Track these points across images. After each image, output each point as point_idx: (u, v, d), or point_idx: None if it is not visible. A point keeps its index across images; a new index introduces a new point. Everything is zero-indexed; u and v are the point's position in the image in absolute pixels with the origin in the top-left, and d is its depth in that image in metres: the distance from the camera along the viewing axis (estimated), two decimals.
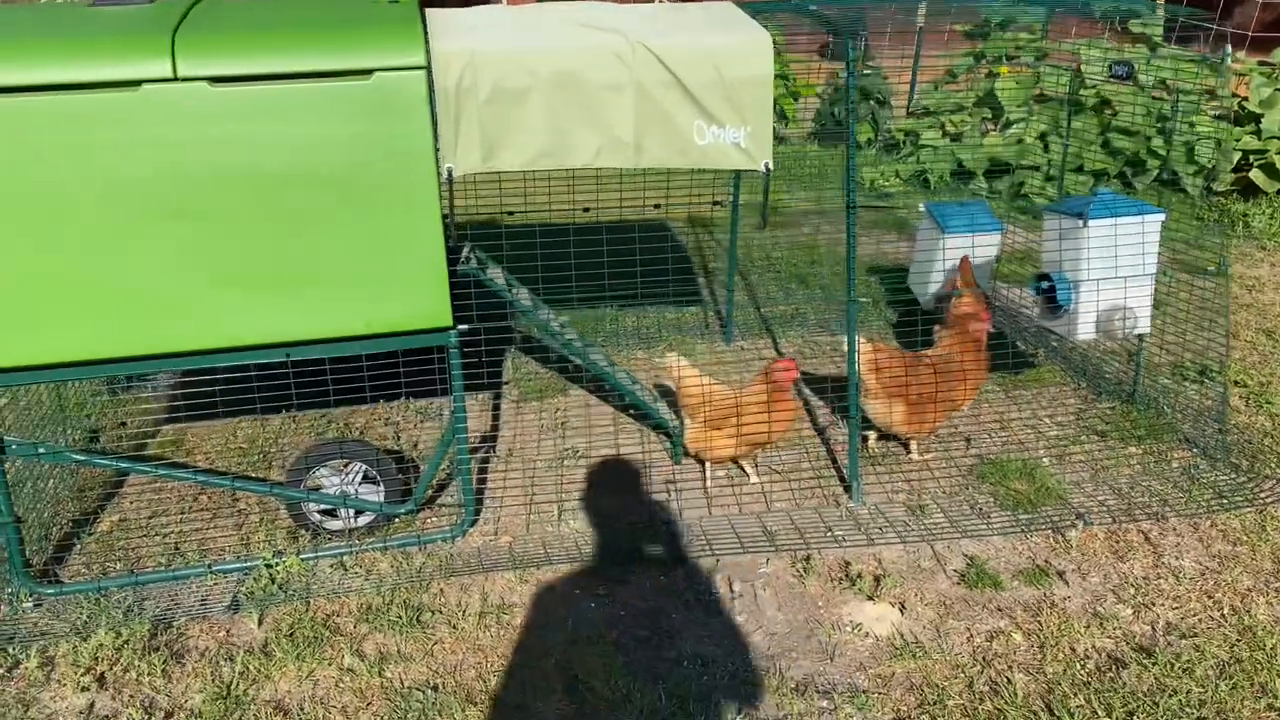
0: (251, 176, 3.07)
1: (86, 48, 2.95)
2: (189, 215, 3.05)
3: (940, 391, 3.87)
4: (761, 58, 3.34)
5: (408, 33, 3.12)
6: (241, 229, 3.09)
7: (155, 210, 3.02)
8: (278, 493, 3.55)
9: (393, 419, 4.50)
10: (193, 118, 3.00)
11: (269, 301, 3.16)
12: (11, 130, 2.89)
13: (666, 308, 5.66)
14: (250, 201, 3.08)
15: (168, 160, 3.00)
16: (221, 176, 3.04)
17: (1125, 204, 3.91)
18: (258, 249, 3.11)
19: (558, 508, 3.79)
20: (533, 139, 3.29)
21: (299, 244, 3.13)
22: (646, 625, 3.17)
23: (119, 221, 3.01)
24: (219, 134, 3.02)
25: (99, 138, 2.94)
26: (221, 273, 3.11)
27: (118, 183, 2.99)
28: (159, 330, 3.12)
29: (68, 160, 2.94)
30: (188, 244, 3.07)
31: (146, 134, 2.98)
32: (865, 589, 3.29)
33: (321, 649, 3.05)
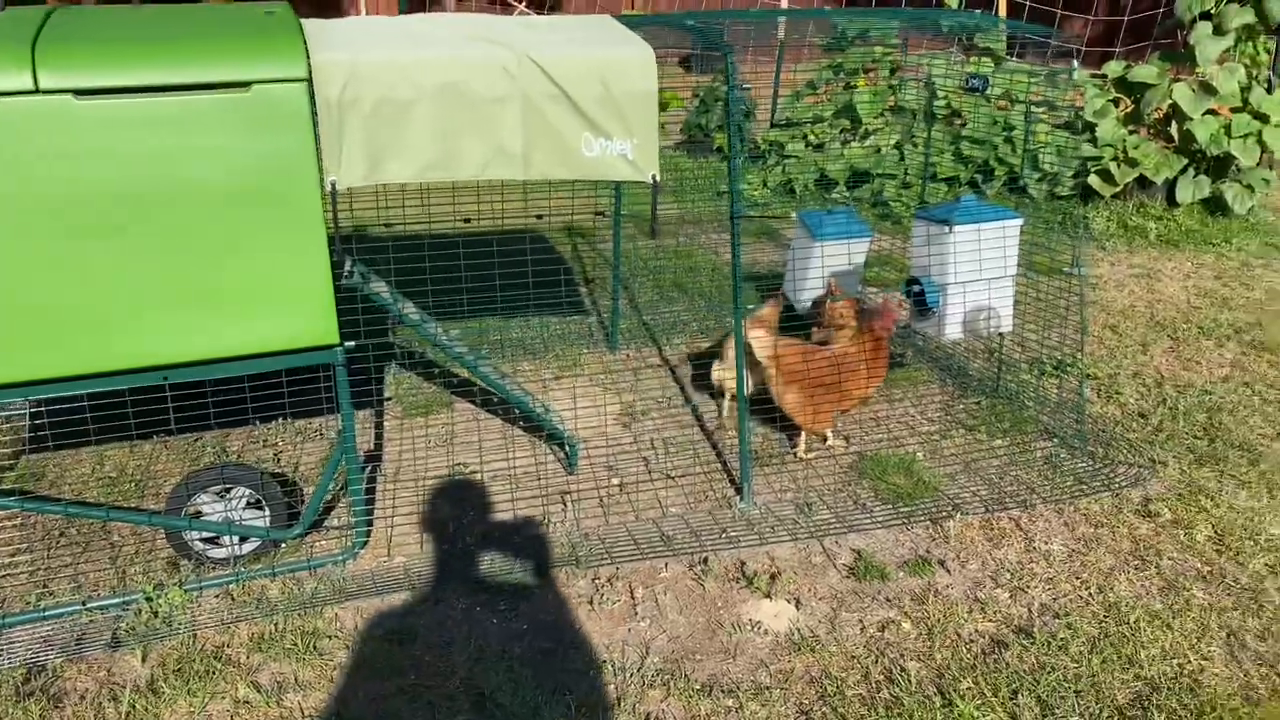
0: (124, 193, 2.93)
1: None
2: (54, 233, 2.89)
3: (839, 385, 4.02)
4: (646, 71, 3.39)
5: (288, 43, 3.04)
6: (113, 247, 2.94)
7: (17, 228, 2.86)
8: (158, 522, 3.39)
9: (271, 440, 4.35)
10: (56, 132, 2.84)
11: (146, 322, 3.02)
12: None
13: (551, 318, 5.66)
14: (123, 219, 2.94)
15: (29, 176, 2.84)
16: (90, 193, 2.90)
17: (988, 210, 4.15)
18: (132, 268, 2.97)
19: (451, 524, 3.74)
20: (419, 151, 3.25)
21: (176, 262, 3.01)
22: (550, 637, 3.17)
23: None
24: (86, 148, 2.88)
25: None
26: (92, 293, 2.96)
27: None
28: (20, 356, 2.94)
29: None
30: (54, 263, 2.91)
31: (9, 150, 2.81)
32: (762, 587, 3.38)
33: (213, 682, 2.94)
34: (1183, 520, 3.77)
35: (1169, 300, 6.09)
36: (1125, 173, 7.66)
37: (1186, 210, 7.68)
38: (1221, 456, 4.21)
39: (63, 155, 2.86)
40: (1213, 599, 3.34)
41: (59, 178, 2.87)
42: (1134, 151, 7.65)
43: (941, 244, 4.11)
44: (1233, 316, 5.79)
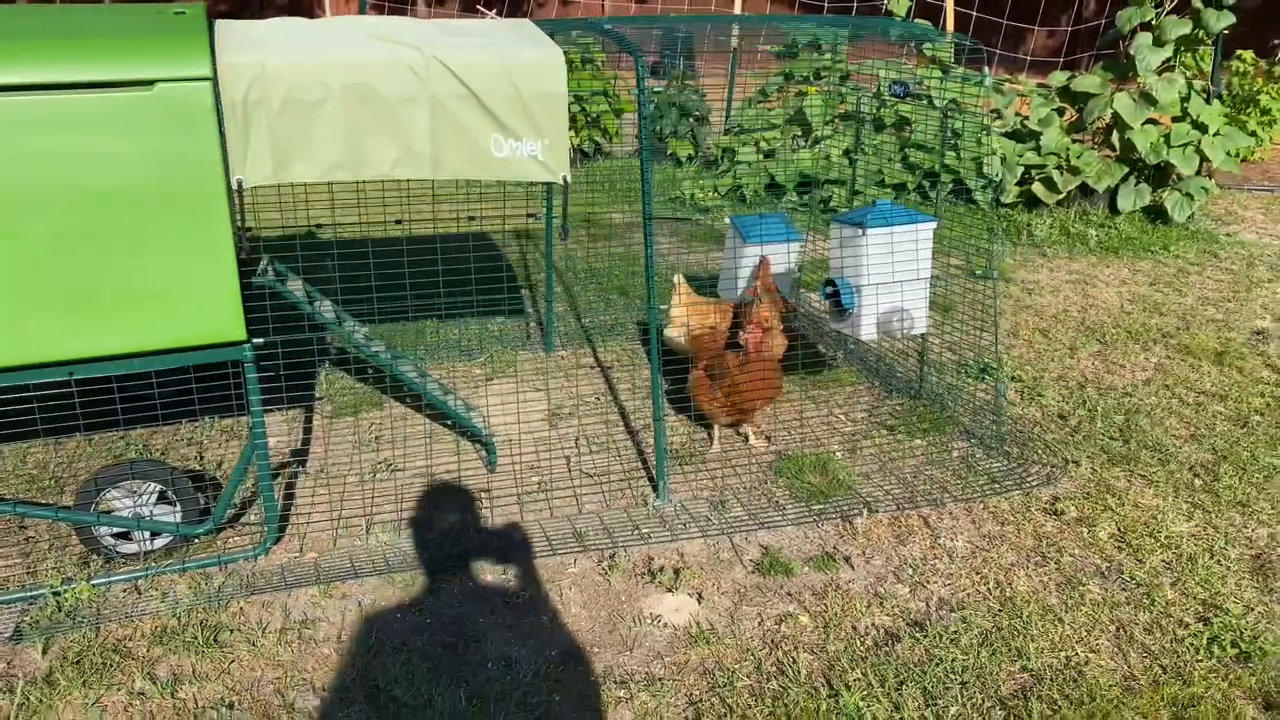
0: (25, 191, 2.95)
1: None
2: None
3: (724, 385, 4.12)
4: (555, 74, 3.45)
5: (191, 43, 3.08)
6: (18, 245, 2.97)
7: None
8: (64, 517, 3.41)
9: (196, 439, 4.37)
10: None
11: (49, 319, 3.04)
12: None
13: (488, 319, 5.71)
14: (26, 217, 2.96)
15: None
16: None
17: (901, 213, 4.22)
18: (37, 265, 2.99)
19: (366, 521, 3.78)
20: (326, 151, 3.29)
21: (80, 259, 3.03)
22: (452, 631, 3.21)
23: None
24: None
25: None
26: (4, 289, 2.98)
27: None
28: None
29: None
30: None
31: None
32: (666, 582, 3.43)
33: (110, 674, 2.96)
34: (1087, 518, 3.84)
35: (1102, 305, 6.19)
36: (1068, 180, 7.78)
37: (1128, 218, 7.80)
38: (1134, 457, 4.29)
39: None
40: (1107, 594, 3.41)
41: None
42: (1077, 160, 7.76)
43: (855, 246, 4.18)
44: (1162, 322, 5.89)
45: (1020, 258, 7.14)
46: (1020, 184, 8.00)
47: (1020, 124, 8.14)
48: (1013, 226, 7.77)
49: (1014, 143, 8.01)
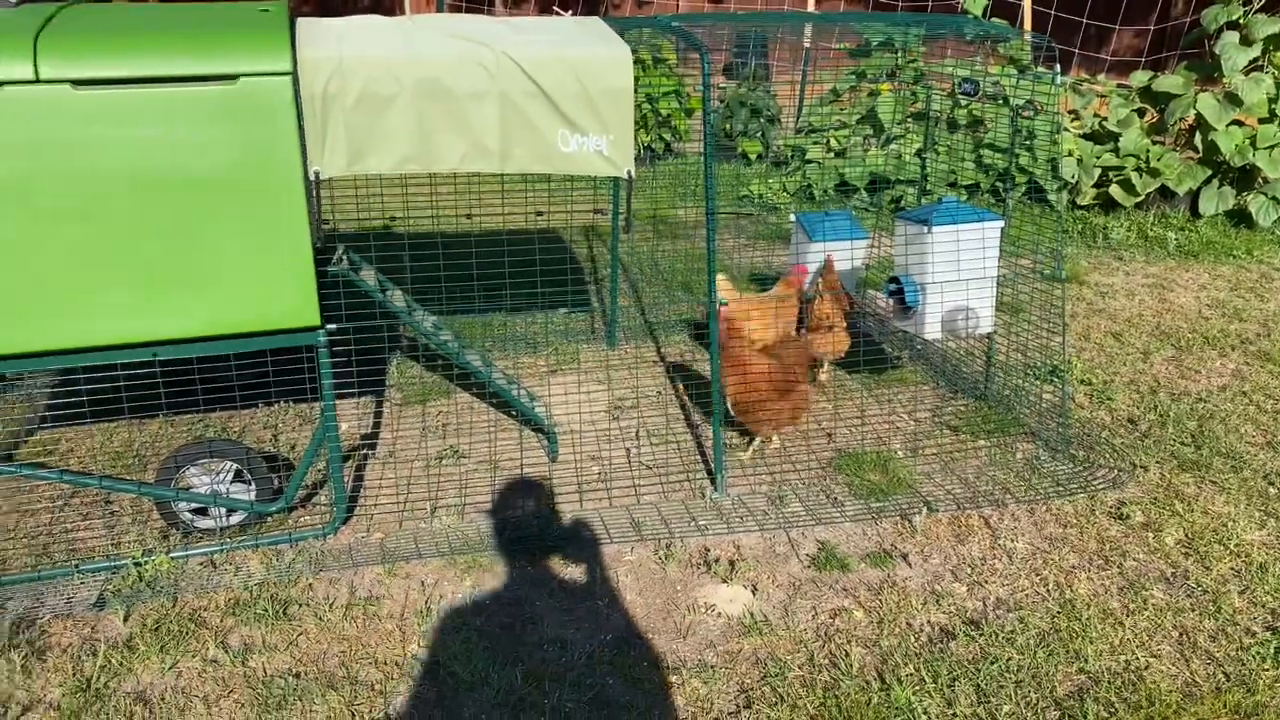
0: (118, 178, 3.11)
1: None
2: (53, 216, 3.08)
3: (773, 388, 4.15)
4: (622, 71, 3.51)
5: (273, 39, 3.21)
6: (109, 230, 3.13)
7: (20, 211, 3.05)
8: (146, 492, 3.57)
9: (271, 422, 4.53)
10: (55, 120, 3.04)
11: (136, 301, 3.20)
12: None
13: (553, 313, 5.79)
14: (118, 203, 3.12)
15: (30, 162, 3.03)
16: (88, 178, 3.08)
17: (967, 211, 4.19)
18: (126, 250, 3.15)
19: (431, 505, 3.88)
20: (398, 144, 3.40)
21: (167, 245, 3.19)
22: (510, 613, 3.29)
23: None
24: (83, 136, 3.06)
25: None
26: (88, 273, 3.14)
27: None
28: (23, 329, 3.13)
29: None
30: (55, 245, 3.09)
31: (8, 135, 3.00)
32: (721, 573, 3.46)
33: (186, 642, 3.10)
34: (1154, 523, 3.77)
35: (1179, 310, 6.04)
36: (1147, 183, 7.59)
37: (1209, 222, 7.59)
38: (1205, 463, 4.19)
39: (60, 142, 3.05)
40: (1171, 600, 3.35)
41: (56, 163, 3.05)
42: (1157, 162, 7.58)
43: (920, 244, 4.16)
44: (1241, 328, 5.73)
45: (1094, 260, 7.00)
46: (1097, 186, 7.84)
47: (1099, 125, 7.98)
48: (1088, 229, 7.62)
49: (1092, 144, 7.85)
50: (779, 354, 4.21)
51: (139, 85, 3.08)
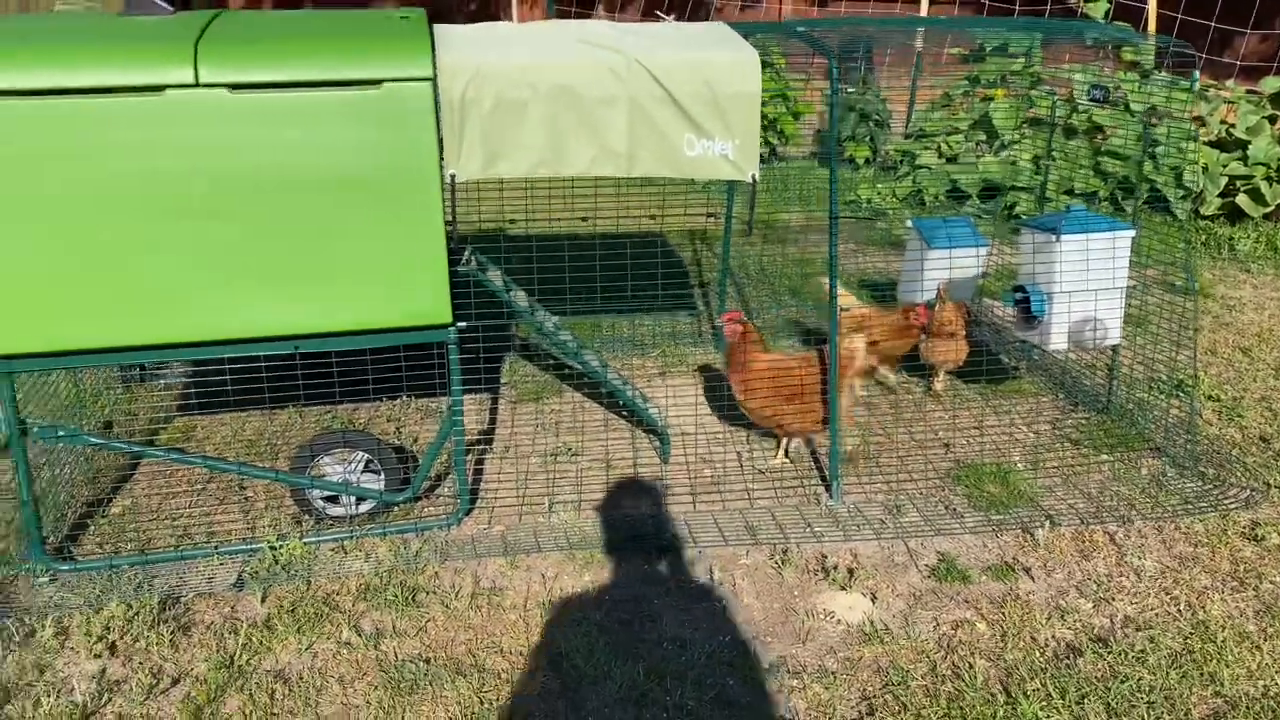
0: (267, 178, 3.26)
1: (116, 54, 3.16)
2: (207, 213, 3.24)
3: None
4: (750, 75, 3.53)
5: (416, 46, 3.32)
6: (256, 227, 3.28)
7: (176, 208, 3.22)
8: (283, 479, 3.72)
9: (394, 416, 4.68)
10: (212, 122, 3.20)
11: (280, 296, 3.34)
12: (48, 130, 3.09)
13: (661, 316, 5.84)
14: (265, 201, 3.27)
15: (188, 161, 3.20)
16: (238, 177, 3.24)
17: (1097, 220, 4.09)
18: (271, 246, 3.30)
19: (549, 500, 3.96)
20: (531, 148, 3.48)
21: (310, 242, 3.32)
22: (629, 609, 3.34)
23: (142, 217, 3.20)
24: (236, 137, 3.22)
25: (125, 138, 3.14)
26: (236, 267, 3.30)
27: (141, 181, 3.18)
28: (177, 321, 3.30)
29: (97, 159, 3.14)
30: (206, 240, 3.26)
31: (168, 136, 3.18)
32: (839, 580, 3.45)
33: (321, 624, 3.23)
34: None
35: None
36: (1277, 192, 7.29)
37: None
38: None
39: (216, 144, 3.21)
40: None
41: (212, 163, 3.22)
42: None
43: (1048, 252, 4.08)
44: None
45: (1220, 272, 6.75)
46: (1223, 195, 7.55)
47: (1225, 132, 7.69)
48: (1212, 240, 7.35)
49: (1218, 152, 7.57)
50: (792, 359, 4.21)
51: (290, 89, 3.23)
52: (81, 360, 3.39)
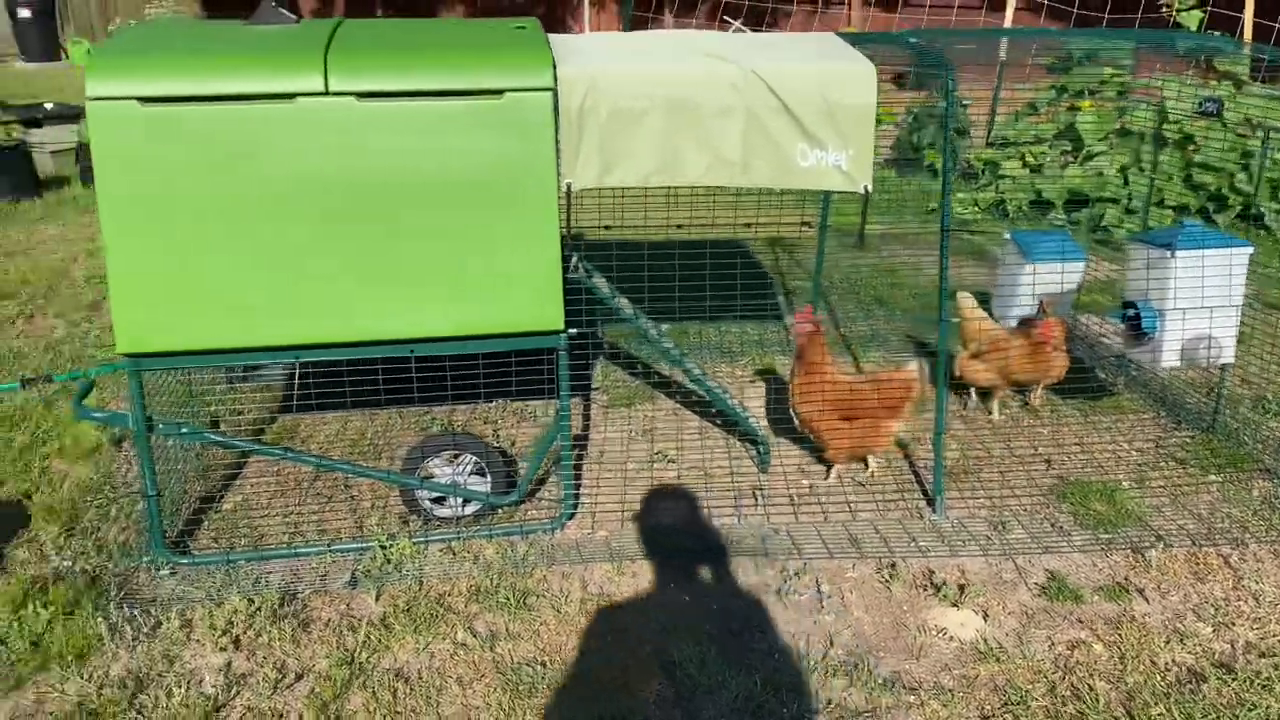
0: (391, 184, 3.33)
1: (250, 63, 3.25)
2: (333, 218, 3.31)
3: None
4: (865, 86, 3.53)
5: (538, 56, 3.37)
6: (380, 232, 3.34)
7: (303, 212, 3.29)
8: (396, 480, 3.79)
9: (491, 418, 4.73)
10: (340, 129, 3.27)
11: (401, 300, 3.41)
12: (184, 137, 3.18)
13: (749, 323, 5.84)
14: (390, 207, 3.34)
15: (315, 167, 3.28)
16: (363, 183, 3.31)
17: (1212, 237, 4.02)
18: (394, 251, 3.37)
19: (649, 506, 3.98)
20: (646, 158, 3.51)
21: (431, 248, 3.38)
22: (738, 619, 3.34)
23: (273, 222, 3.28)
24: (362, 144, 3.29)
25: (257, 144, 3.23)
26: (361, 271, 3.36)
27: (272, 186, 3.26)
28: (301, 322, 3.38)
29: (230, 164, 3.22)
30: (332, 244, 3.33)
31: (297, 143, 3.25)
32: (950, 596, 3.42)
33: (436, 625, 3.28)
34: None
35: None
36: None
37: None
38: None
39: (343, 150, 3.28)
40: None
41: (338, 170, 3.29)
42: None
43: (1162, 269, 4.01)
44: None
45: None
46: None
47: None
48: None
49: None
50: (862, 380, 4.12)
51: (415, 98, 3.29)
52: (206, 360, 3.48)
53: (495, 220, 3.40)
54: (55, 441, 4.41)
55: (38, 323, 5.84)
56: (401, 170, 3.33)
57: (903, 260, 6.91)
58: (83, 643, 3.14)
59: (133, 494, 3.98)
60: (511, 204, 3.39)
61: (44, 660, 3.09)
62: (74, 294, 6.23)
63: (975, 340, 4.70)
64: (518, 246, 3.43)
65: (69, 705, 2.93)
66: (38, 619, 3.22)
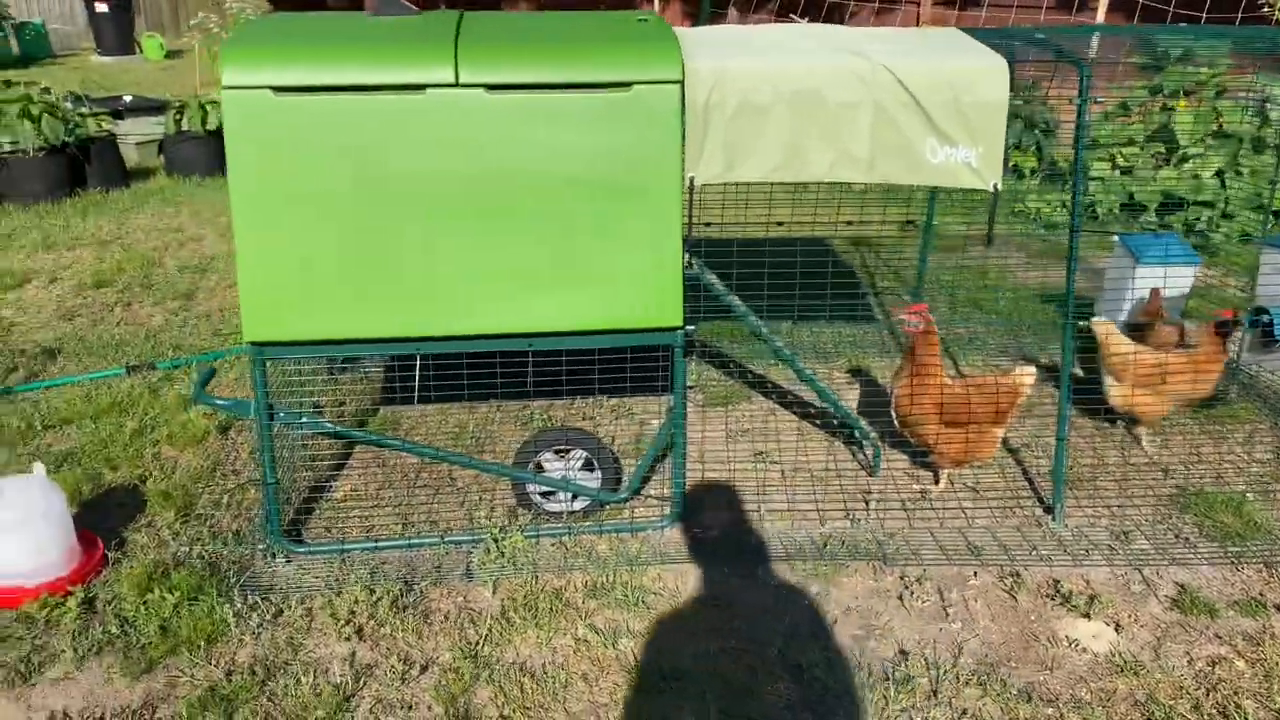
0: (517, 177, 3.31)
1: (382, 54, 3.24)
2: (459, 210, 3.30)
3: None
4: (999, 83, 3.44)
5: (668, 49, 3.33)
6: (507, 225, 3.32)
7: (429, 204, 3.29)
8: (509, 473, 3.77)
9: (588, 413, 4.71)
10: (469, 121, 3.26)
11: (525, 293, 3.38)
12: (315, 126, 3.19)
13: (841, 324, 5.76)
14: (514, 200, 3.32)
15: (442, 158, 3.27)
16: (491, 176, 3.29)
17: None
18: (520, 244, 3.34)
19: (759, 507, 3.93)
20: (771, 153, 3.45)
21: (557, 241, 3.36)
22: (861, 623, 3.28)
23: (397, 213, 3.28)
24: (491, 137, 3.27)
25: (390, 135, 3.22)
26: (483, 264, 3.34)
27: (397, 177, 3.26)
28: (424, 315, 3.36)
29: (360, 154, 3.23)
30: (456, 236, 3.32)
31: (427, 134, 3.25)
32: (1079, 607, 3.33)
33: (556, 619, 3.25)
34: None
35: None
36: None
37: None
38: None
39: (471, 143, 3.27)
40: None
41: (465, 163, 3.27)
42: None
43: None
44: None
45: None
46: None
47: None
48: None
49: None
50: (973, 384, 3.99)
51: (544, 90, 3.26)
52: (328, 350, 3.48)
53: (620, 214, 3.37)
54: (164, 428, 4.46)
55: (135, 310, 5.92)
56: (527, 163, 3.31)
57: (993, 261, 6.77)
58: (210, 628, 3.16)
59: (248, 483, 4.01)
60: (636, 198, 3.36)
61: (173, 645, 3.11)
62: (168, 283, 6.32)
63: (1124, 368, 4.28)
64: (641, 241, 3.40)
65: (200, 690, 2.95)
66: (164, 603, 3.25)
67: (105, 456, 4.20)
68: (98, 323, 5.69)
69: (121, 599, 3.30)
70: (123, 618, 3.22)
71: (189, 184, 8.70)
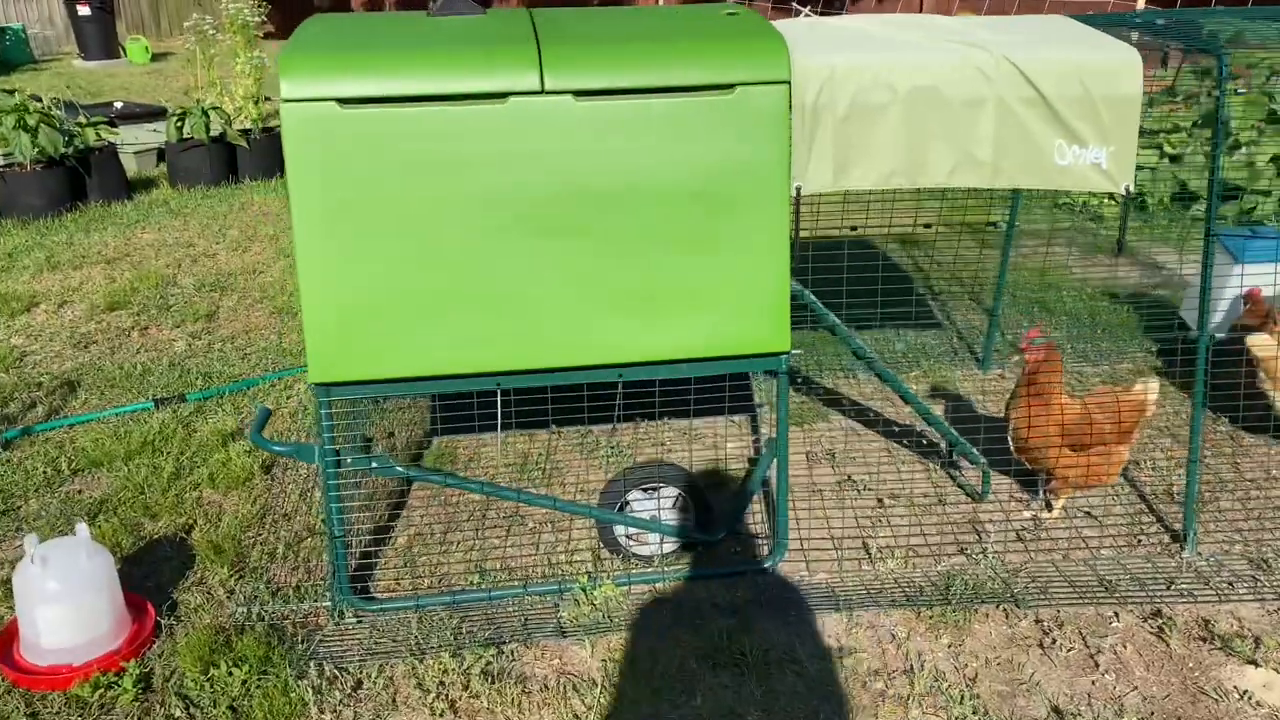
0: (606, 192, 2.97)
1: (457, 59, 2.89)
2: (544, 230, 2.96)
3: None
4: (1132, 76, 3.14)
5: (774, 46, 2.99)
6: (594, 245, 2.98)
7: (511, 224, 2.94)
8: (600, 515, 3.44)
9: (659, 440, 4.38)
10: (556, 130, 2.92)
11: (613, 320, 3.04)
12: (386, 142, 2.84)
13: (908, 330, 5.44)
14: (604, 217, 2.98)
15: (528, 173, 2.92)
16: (581, 191, 2.95)
17: None
18: (607, 266, 3.00)
19: (863, 542, 3.61)
20: (886, 157, 3.13)
21: (650, 261, 3.01)
22: (1003, 678, 2.97)
23: (476, 235, 2.94)
24: (579, 147, 2.93)
25: (467, 149, 2.88)
26: (571, 289, 3.00)
27: (477, 196, 2.92)
28: (507, 347, 3.02)
29: (435, 171, 2.88)
30: (541, 258, 2.97)
31: (511, 146, 2.90)
32: (1244, 652, 3.03)
33: (673, 687, 2.92)
34: None
35: None
36: None
37: None
38: None
39: (559, 154, 2.93)
40: None
41: (551, 175, 2.93)
42: None
43: None
44: None
45: None
46: None
47: None
48: None
49: None
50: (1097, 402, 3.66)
51: (637, 95, 2.93)
52: (402, 389, 3.12)
53: (716, 229, 3.03)
54: (203, 468, 4.10)
55: (154, 334, 5.55)
56: (618, 175, 2.97)
57: (1045, 257, 6.46)
58: (287, 709, 2.82)
59: (310, 534, 3.67)
60: (741, 210, 3.02)
61: None
62: (187, 304, 5.94)
63: None
64: (745, 258, 3.06)
65: None
66: (231, 680, 2.90)
67: (143, 504, 3.84)
68: (116, 350, 5.32)
69: (182, 675, 2.96)
70: (186, 698, 2.87)
71: (195, 195, 8.30)
